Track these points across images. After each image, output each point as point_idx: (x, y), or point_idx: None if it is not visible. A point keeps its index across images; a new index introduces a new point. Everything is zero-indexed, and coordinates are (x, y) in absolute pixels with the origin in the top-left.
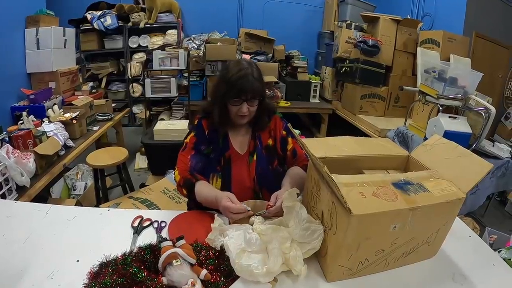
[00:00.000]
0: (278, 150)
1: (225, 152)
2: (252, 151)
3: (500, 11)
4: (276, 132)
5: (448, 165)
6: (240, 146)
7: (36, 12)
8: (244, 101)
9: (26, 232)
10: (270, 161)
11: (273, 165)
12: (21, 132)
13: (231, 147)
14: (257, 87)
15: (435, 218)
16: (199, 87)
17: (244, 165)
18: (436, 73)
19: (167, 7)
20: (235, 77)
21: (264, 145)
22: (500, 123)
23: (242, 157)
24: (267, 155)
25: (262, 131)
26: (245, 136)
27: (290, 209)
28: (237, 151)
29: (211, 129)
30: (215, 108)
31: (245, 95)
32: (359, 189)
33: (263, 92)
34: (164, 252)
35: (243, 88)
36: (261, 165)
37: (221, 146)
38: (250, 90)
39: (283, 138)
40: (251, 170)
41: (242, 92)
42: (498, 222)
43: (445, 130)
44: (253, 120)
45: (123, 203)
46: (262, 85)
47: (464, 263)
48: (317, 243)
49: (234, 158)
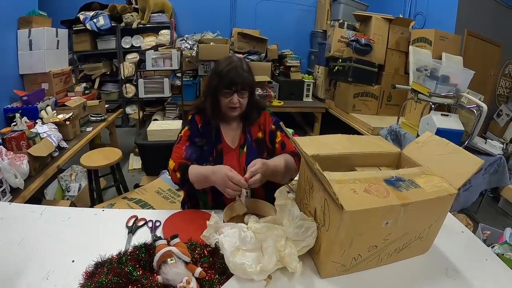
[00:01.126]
0: (267, 143)
1: (217, 145)
2: (243, 144)
3: (492, 10)
4: (266, 126)
5: (440, 161)
6: (232, 140)
7: (28, 13)
8: (234, 92)
9: (21, 233)
10: (259, 152)
11: (263, 156)
12: (14, 134)
13: (223, 141)
14: (246, 79)
15: (427, 214)
16: (193, 87)
17: (235, 157)
18: (428, 71)
19: (159, 7)
20: (226, 70)
21: (254, 138)
22: (492, 120)
23: (233, 150)
24: (257, 147)
25: (252, 126)
26: (236, 131)
27: (282, 207)
28: (228, 145)
29: (203, 123)
30: (207, 102)
31: (235, 86)
32: (351, 186)
33: (253, 85)
34: (158, 250)
35: (233, 80)
36: (251, 157)
37: (213, 139)
38: (239, 81)
39: (271, 131)
40: (241, 162)
41: (233, 83)
42: (491, 218)
43: (438, 127)
44: (244, 114)
45: (117, 203)
46: (252, 78)
47: (457, 258)
48: (311, 240)
49: (226, 151)
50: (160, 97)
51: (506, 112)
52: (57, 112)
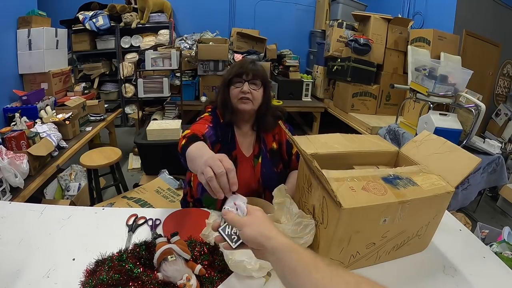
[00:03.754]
0: (283, 154)
1: (232, 151)
2: (257, 154)
3: (490, 9)
4: (281, 136)
5: (437, 160)
6: (246, 149)
7: (28, 13)
8: (245, 81)
9: (22, 232)
10: (275, 164)
11: (278, 168)
12: (14, 134)
13: (238, 147)
14: (258, 70)
15: (425, 212)
16: (192, 86)
17: (249, 167)
18: (426, 71)
19: (159, 7)
20: (238, 64)
21: (268, 148)
22: (490, 119)
23: (247, 159)
24: (271, 158)
25: (267, 133)
26: (250, 139)
27: (280, 205)
28: (243, 153)
29: (223, 119)
30: (219, 96)
31: (246, 74)
32: (349, 184)
33: (266, 79)
34: (159, 248)
35: (244, 68)
36: (266, 168)
37: (229, 142)
38: (250, 69)
39: (288, 141)
40: (256, 172)
41: (243, 72)
42: (490, 217)
43: (436, 127)
44: (257, 117)
45: (117, 203)
46: (265, 73)
47: (455, 256)
48: (309, 238)
49: (240, 159)
50: (159, 97)
51: (504, 112)
52: (56, 111)
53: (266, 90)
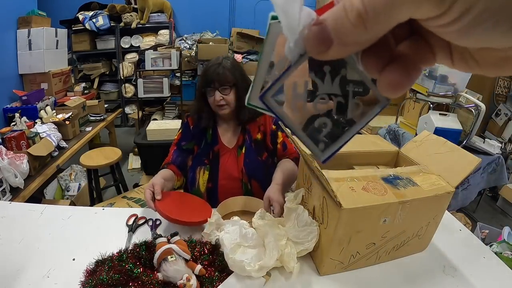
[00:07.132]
0: (268, 144)
1: (214, 146)
2: (241, 145)
3: None
4: (266, 127)
5: (437, 160)
6: (229, 141)
7: (28, 13)
8: (216, 89)
9: (22, 232)
10: (259, 153)
11: (262, 157)
12: (14, 134)
13: (220, 142)
14: (224, 75)
15: (425, 212)
16: (192, 86)
17: (233, 157)
18: (426, 71)
19: (159, 7)
20: (206, 69)
21: (253, 139)
22: (490, 119)
23: (230, 150)
24: (255, 148)
25: (250, 124)
26: (234, 131)
27: (291, 210)
28: (225, 145)
29: (195, 125)
30: (198, 103)
31: (213, 83)
32: (349, 184)
33: (236, 81)
34: (159, 248)
35: (211, 77)
36: (250, 157)
37: (209, 141)
38: (217, 78)
39: (272, 131)
40: (239, 162)
41: (211, 81)
42: (490, 217)
43: (436, 127)
44: (236, 111)
45: (117, 203)
46: (235, 74)
47: (455, 256)
48: (310, 245)
49: (222, 152)
50: (159, 97)
51: (504, 112)
52: (56, 112)
53: (238, 88)
